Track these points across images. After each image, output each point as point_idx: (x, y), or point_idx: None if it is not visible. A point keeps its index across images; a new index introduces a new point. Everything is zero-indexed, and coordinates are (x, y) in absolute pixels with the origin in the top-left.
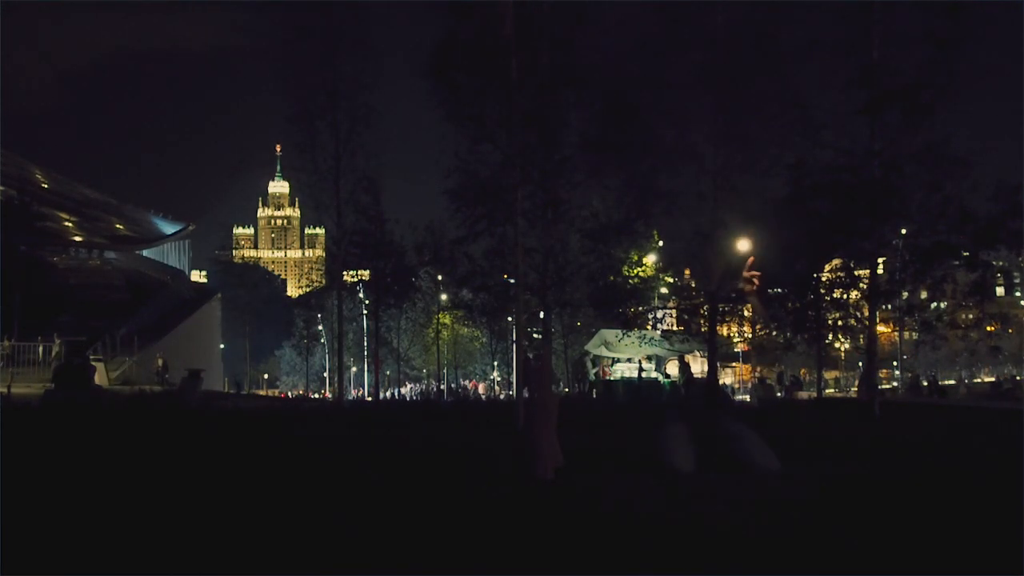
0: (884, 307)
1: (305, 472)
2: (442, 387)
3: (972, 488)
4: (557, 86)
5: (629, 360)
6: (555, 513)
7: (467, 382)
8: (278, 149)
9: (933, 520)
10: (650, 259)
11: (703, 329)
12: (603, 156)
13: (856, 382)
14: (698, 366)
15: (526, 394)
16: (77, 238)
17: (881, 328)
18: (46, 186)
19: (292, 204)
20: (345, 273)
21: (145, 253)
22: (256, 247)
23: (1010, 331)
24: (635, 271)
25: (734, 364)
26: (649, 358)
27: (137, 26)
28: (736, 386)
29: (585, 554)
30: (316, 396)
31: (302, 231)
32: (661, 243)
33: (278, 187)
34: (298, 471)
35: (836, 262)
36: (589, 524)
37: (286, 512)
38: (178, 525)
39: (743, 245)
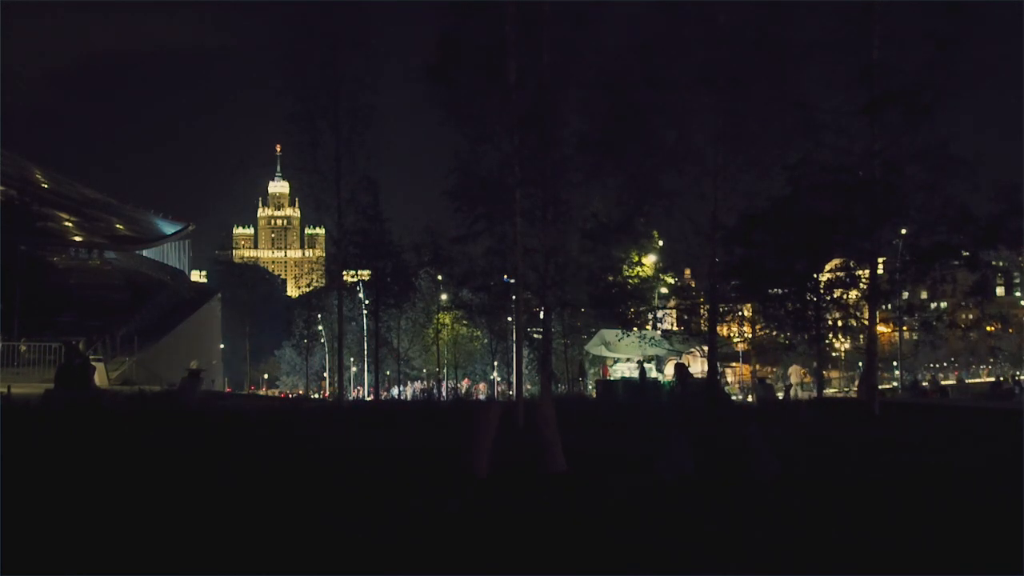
0: (884, 307)
1: (307, 474)
2: (426, 389)
3: (972, 488)
4: (557, 86)
5: (629, 360)
6: (554, 515)
7: (463, 383)
8: (278, 149)
9: (933, 521)
10: (650, 259)
11: (703, 329)
12: (603, 156)
13: (856, 382)
14: (698, 366)
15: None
16: (77, 238)
17: (881, 328)
18: (46, 186)
19: (292, 204)
20: (345, 273)
21: (145, 253)
22: (256, 247)
23: (1010, 331)
24: (635, 271)
25: (734, 364)
26: (640, 365)
27: (124, 26)
28: (736, 386)
29: (582, 555)
30: (316, 396)
31: (302, 231)
32: (661, 243)
33: (278, 187)
34: (299, 474)
35: (836, 262)
36: (587, 526)
37: (291, 517)
38: (172, 526)
39: None
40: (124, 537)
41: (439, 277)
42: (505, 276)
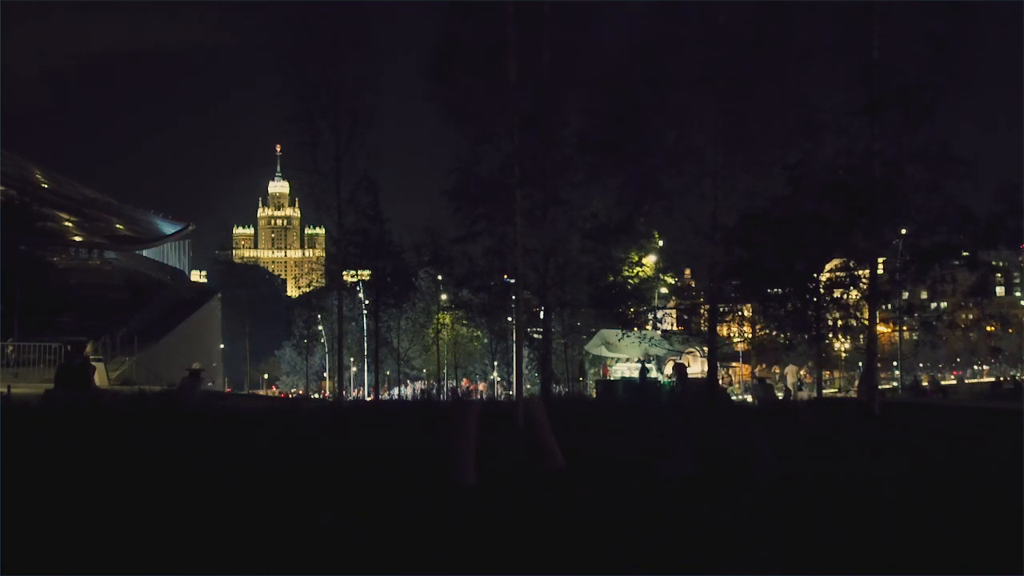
0: (884, 307)
1: (297, 480)
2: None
3: (972, 488)
4: (557, 86)
5: (629, 360)
6: (552, 516)
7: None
8: (278, 149)
9: (933, 520)
10: (650, 259)
11: (703, 329)
12: (603, 156)
13: (856, 382)
14: (698, 366)
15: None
16: (77, 238)
17: (881, 328)
18: (46, 186)
19: (292, 204)
20: (345, 273)
21: (145, 253)
22: (256, 247)
23: (1010, 331)
24: (635, 271)
25: (734, 364)
26: (641, 365)
27: (124, 26)
28: (737, 386)
29: (581, 556)
30: (316, 396)
31: (302, 231)
32: (661, 243)
33: (278, 187)
34: (288, 479)
35: (836, 262)
36: (585, 526)
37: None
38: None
39: None
40: (124, 537)
41: (439, 277)
42: (505, 276)
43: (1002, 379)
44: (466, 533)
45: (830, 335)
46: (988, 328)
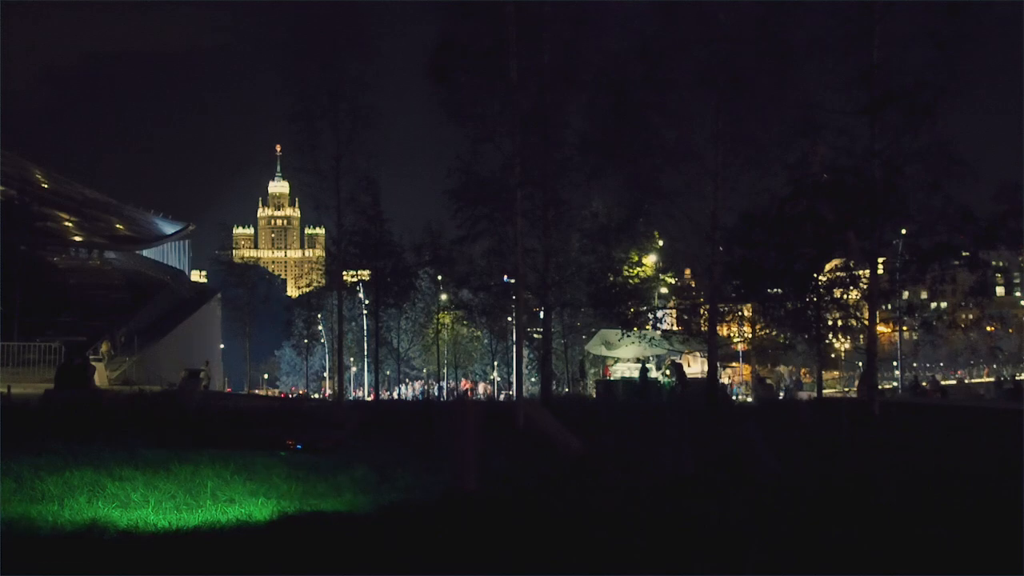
0: (884, 307)
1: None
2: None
3: (972, 488)
4: (558, 86)
5: (629, 360)
6: (552, 516)
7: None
8: (278, 149)
9: (932, 520)
10: (650, 259)
11: (703, 329)
12: (604, 156)
13: (856, 382)
14: (698, 366)
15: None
16: (77, 238)
17: (881, 328)
18: (46, 186)
19: (292, 204)
20: (345, 273)
21: (145, 253)
22: (256, 247)
23: (1010, 331)
24: (635, 271)
25: (734, 364)
26: (642, 365)
27: (123, 26)
28: (735, 386)
29: (581, 556)
30: (316, 396)
31: (302, 231)
32: (661, 243)
33: (278, 187)
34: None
35: (836, 262)
36: (586, 526)
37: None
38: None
39: None
40: (122, 535)
41: (439, 277)
42: (505, 276)
43: (1002, 379)
44: (463, 539)
45: (830, 335)
46: (988, 328)
